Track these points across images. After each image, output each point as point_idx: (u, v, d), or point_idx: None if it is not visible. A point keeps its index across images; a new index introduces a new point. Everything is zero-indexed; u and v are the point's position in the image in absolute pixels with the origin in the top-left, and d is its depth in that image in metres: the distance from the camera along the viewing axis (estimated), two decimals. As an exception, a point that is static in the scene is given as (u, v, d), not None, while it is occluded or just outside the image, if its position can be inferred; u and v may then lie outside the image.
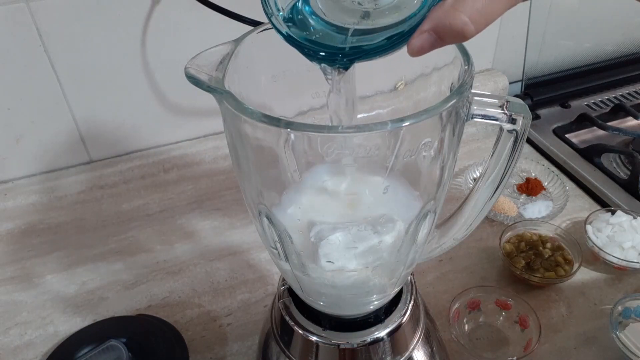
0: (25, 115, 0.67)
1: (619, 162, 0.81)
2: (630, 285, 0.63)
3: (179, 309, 0.61)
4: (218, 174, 0.78)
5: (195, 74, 0.32)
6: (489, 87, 0.89)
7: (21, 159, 0.70)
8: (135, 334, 0.53)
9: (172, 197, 0.76)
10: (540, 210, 0.72)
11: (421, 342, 0.45)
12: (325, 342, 0.41)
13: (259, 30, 0.38)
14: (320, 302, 0.41)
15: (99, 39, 0.65)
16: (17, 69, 0.63)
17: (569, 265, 0.62)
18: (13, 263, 0.68)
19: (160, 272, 0.66)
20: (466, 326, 0.57)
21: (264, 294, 0.63)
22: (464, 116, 0.33)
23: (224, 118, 0.34)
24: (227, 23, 0.58)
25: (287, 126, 0.29)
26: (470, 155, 0.82)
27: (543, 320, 0.55)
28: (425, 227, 0.37)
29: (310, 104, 0.42)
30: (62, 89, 0.67)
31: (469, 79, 0.31)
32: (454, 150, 0.35)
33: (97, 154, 0.74)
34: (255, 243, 0.69)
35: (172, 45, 0.68)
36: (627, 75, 1.00)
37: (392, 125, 0.28)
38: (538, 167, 0.79)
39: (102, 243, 0.70)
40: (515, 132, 0.34)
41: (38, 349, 0.57)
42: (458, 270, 0.65)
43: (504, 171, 0.37)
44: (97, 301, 0.63)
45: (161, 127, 0.75)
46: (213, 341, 0.57)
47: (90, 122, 0.71)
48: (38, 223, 0.71)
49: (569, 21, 0.93)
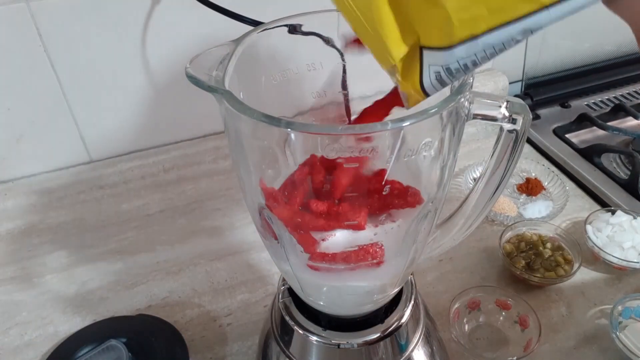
0: (25, 115, 0.67)
1: (619, 162, 0.81)
2: (630, 285, 0.63)
3: (179, 309, 0.61)
4: (218, 174, 0.78)
5: (195, 74, 0.32)
6: (489, 87, 0.89)
7: (21, 159, 0.70)
8: (135, 334, 0.53)
9: (172, 197, 0.76)
10: (540, 210, 0.72)
11: (421, 342, 0.45)
12: (325, 342, 0.41)
13: (259, 30, 0.38)
14: (320, 302, 0.41)
15: (99, 39, 0.65)
16: (17, 69, 0.63)
17: (569, 265, 0.62)
18: (13, 263, 0.67)
19: (160, 272, 0.66)
20: (466, 326, 0.57)
21: (264, 294, 0.63)
22: (464, 116, 0.33)
23: (224, 118, 0.34)
24: (227, 23, 0.58)
25: (287, 126, 0.29)
26: (470, 155, 0.82)
27: (543, 320, 0.55)
28: (425, 227, 0.37)
29: (310, 104, 0.42)
30: (62, 89, 0.67)
31: (469, 79, 0.31)
32: (454, 150, 0.35)
33: (97, 154, 0.74)
34: (255, 243, 0.69)
35: (172, 45, 0.68)
36: (627, 75, 1.00)
37: (392, 125, 0.28)
38: (538, 167, 0.79)
39: (102, 243, 0.70)
40: (515, 132, 0.34)
41: (38, 349, 0.57)
42: (458, 270, 0.65)
43: (504, 171, 0.37)
44: (97, 301, 0.63)
45: (161, 127, 0.75)
46: (213, 341, 0.57)
47: (90, 122, 0.71)
48: (38, 223, 0.71)
49: (569, 21, 0.92)
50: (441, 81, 0.27)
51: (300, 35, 0.39)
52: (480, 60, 0.26)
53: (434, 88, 0.28)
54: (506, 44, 0.25)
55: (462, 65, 0.26)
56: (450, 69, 0.26)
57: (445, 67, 0.26)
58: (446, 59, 0.26)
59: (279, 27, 0.39)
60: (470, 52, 0.25)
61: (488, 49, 0.25)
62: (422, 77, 0.27)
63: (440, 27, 0.25)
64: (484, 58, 0.26)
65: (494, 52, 0.25)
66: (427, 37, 0.26)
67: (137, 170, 0.74)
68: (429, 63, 0.27)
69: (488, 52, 0.25)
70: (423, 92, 0.28)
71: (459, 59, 0.26)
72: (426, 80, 0.27)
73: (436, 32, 0.26)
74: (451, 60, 0.26)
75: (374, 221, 0.36)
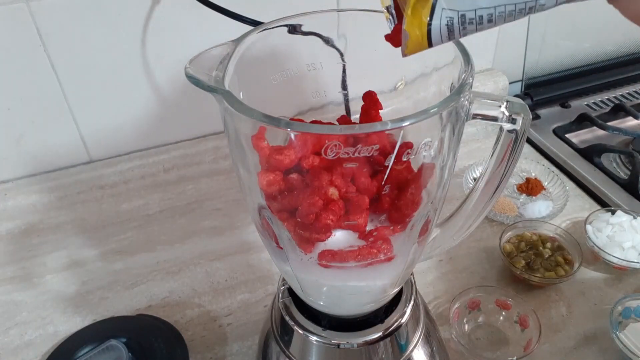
0: (25, 115, 0.67)
1: (619, 162, 0.81)
2: (630, 285, 0.63)
3: (179, 309, 0.61)
4: (218, 174, 0.78)
5: (195, 73, 0.32)
6: (489, 87, 0.89)
7: (21, 159, 0.70)
8: (135, 334, 0.53)
9: (172, 197, 0.76)
10: (540, 210, 0.72)
11: (421, 342, 0.45)
12: (325, 342, 0.41)
13: (259, 30, 0.38)
14: (320, 302, 0.41)
15: (99, 39, 0.65)
16: (17, 69, 0.63)
17: (569, 265, 0.62)
18: (13, 263, 0.68)
19: (160, 272, 0.66)
20: (466, 326, 0.57)
21: (264, 294, 0.63)
22: (464, 116, 0.33)
23: (224, 118, 0.34)
24: (227, 23, 0.58)
25: (287, 126, 0.29)
26: (470, 155, 0.82)
27: (543, 320, 0.55)
28: (425, 227, 0.37)
29: (310, 103, 0.42)
30: (62, 89, 0.67)
31: (469, 79, 0.31)
32: (454, 150, 0.35)
33: (97, 154, 0.74)
34: (255, 243, 0.69)
35: (172, 45, 0.68)
36: (627, 75, 1.00)
37: (392, 125, 0.28)
38: (538, 167, 0.79)
39: (102, 243, 0.70)
40: (515, 132, 0.34)
41: (38, 349, 0.57)
42: (458, 270, 0.65)
43: (504, 171, 0.37)
44: (97, 301, 0.63)
45: (161, 127, 0.75)
46: (213, 341, 0.57)
47: (90, 122, 0.71)
48: (38, 223, 0.71)
49: (569, 21, 0.93)
50: (450, 29, 0.26)
51: (300, 35, 0.39)
52: (496, 17, 0.25)
53: (440, 36, 0.26)
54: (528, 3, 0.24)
55: (478, 17, 0.25)
56: (465, 17, 0.25)
57: (461, 14, 0.25)
58: (465, 4, 0.25)
59: (278, 27, 0.39)
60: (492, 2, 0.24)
61: (509, 5, 0.24)
62: (432, 19, 0.26)
63: None
64: (501, 16, 0.25)
65: (513, 10, 0.24)
66: None
67: (137, 170, 0.74)
68: (443, 6, 0.25)
69: (507, 9, 0.24)
70: (427, 38, 0.26)
71: (477, 8, 0.25)
72: (435, 23, 0.26)
73: None
74: (470, 6, 0.25)
75: (374, 221, 0.36)
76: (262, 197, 0.36)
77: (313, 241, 0.35)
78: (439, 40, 0.26)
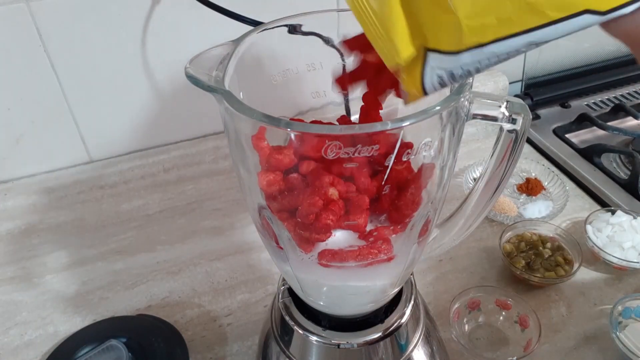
0: (25, 115, 0.67)
1: (619, 162, 0.81)
2: (630, 285, 0.63)
3: (179, 309, 0.61)
4: (218, 174, 0.78)
5: (195, 73, 0.32)
6: (489, 87, 0.89)
7: (21, 159, 0.70)
8: (135, 334, 0.53)
9: (172, 197, 0.76)
10: (540, 210, 0.72)
11: (421, 342, 0.45)
12: (325, 342, 0.41)
13: (259, 30, 0.38)
14: (320, 302, 0.41)
15: (99, 39, 0.65)
16: (17, 69, 0.63)
17: (569, 265, 0.62)
18: (13, 263, 0.67)
19: (160, 272, 0.66)
20: (466, 326, 0.57)
21: (264, 294, 0.63)
22: (464, 116, 0.33)
23: (224, 118, 0.34)
24: (227, 23, 0.58)
25: (287, 126, 0.29)
26: (470, 155, 0.82)
27: (543, 320, 0.55)
28: (425, 227, 0.37)
29: (310, 104, 0.42)
30: (62, 89, 0.67)
31: (469, 79, 0.31)
32: (454, 150, 0.35)
33: (97, 154, 0.74)
34: (255, 243, 0.69)
35: (172, 45, 0.68)
36: (627, 75, 1.00)
37: (392, 125, 0.28)
38: (538, 167, 0.79)
39: (102, 243, 0.70)
40: (515, 132, 0.34)
41: (38, 349, 0.57)
42: (458, 270, 0.65)
43: (504, 171, 0.37)
44: (97, 301, 0.63)
45: (161, 127, 0.75)
46: (213, 341, 0.57)
47: (90, 122, 0.71)
48: (38, 223, 0.71)
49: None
50: (442, 83, 0.28)
51: (300, 35, 0.39)
52: (483, 67, 0.27)
53: (434, 89, 0.29)
54: (510, 54, 0.26)
55: (465, 71, 0.27)
56: (453, 74, 0.27)
57: (449, 72, 0.27)
58: (451, 64, 0.27)
59: (278, 27, 0.39)
60: (475, 59, 0.26)
61: (492, 58, 0.26)
62: (424, 78, 0.28)
63: (450, 32, 0.26)
64: (487, 65, 0.27)
65: (497, 60, 0.26)
66: (435, 41, 0.27)
67: (137, 170, 0.74)
68: (432, 66, 0.28)
69: (492, 60, 0.26)
70: (423, 92, 0.29)
71: (463, 65, 0.27)
72: (427, 81, 0.28)
73: (445, 37, 0.27)
74: (456, 65, 0.27)
75: (374, 221, 0.36)
76: (262, 197, 0.36)
77: (313, 241, 0.35)
78: (434, 91, 0.29)
